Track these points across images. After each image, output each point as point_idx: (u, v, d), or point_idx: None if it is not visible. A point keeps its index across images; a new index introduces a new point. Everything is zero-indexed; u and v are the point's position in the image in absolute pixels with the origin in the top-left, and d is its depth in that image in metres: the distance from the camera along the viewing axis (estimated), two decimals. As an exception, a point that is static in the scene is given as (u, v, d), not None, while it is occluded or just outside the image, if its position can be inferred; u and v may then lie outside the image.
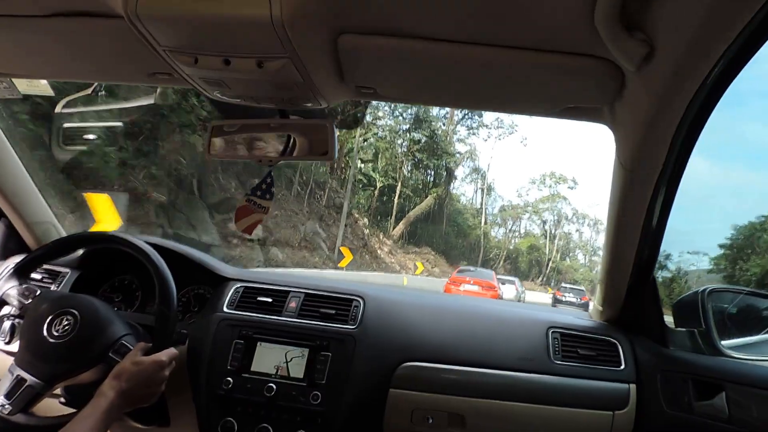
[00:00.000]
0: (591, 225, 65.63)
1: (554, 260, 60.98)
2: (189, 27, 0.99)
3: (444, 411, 1.60)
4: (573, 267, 62.89)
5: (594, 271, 62.02)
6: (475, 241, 51.76)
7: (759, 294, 1.91)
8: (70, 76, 1.57)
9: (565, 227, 63.38)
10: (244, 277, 1.84)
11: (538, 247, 59.62)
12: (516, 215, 61.50)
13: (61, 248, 1.61)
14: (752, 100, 69.41)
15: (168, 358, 1.39)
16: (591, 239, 66.61)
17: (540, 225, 62.11)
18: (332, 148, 1.32)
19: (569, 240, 64.82)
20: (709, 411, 1.38)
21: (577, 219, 64.68)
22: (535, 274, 57.81)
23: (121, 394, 1.25)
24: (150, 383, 1.33)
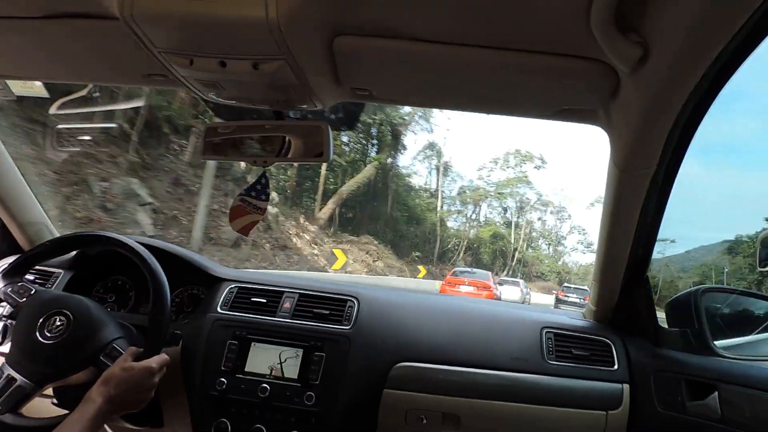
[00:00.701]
0: (554, 212, 62.48)
1: (521, 250, 57.25)
2: (184, 28, 0.99)
3: (438, 411, 1.60)
4: (539, 258, 59.60)
5: (560, 261, 60.44)
6: (430, 228, 46.30)
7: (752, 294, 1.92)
8: (65, 77, 1.56)
9: (528, 215, 60.28)
10: (238, 278, 1.84)
11: (502, 235, 55.05)
12: (477, 198, 56.31)
13: (57, 248, 1.60)
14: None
15: (158, 365, 1.38)
16: (555, 227, 63.46)
17: (501, 212, 58.48)
18: (327, 150, 1.32)
19: (532, 228, 61.27)
20: (702, 411, 1.38)
21: (541, 205, 61.40)
22: (500, 266, 52.94)
23: (110, 400, 1.24)
24: (139, 390, 1.33)
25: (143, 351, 1.40)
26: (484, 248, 52.05)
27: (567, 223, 63.16)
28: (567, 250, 63.17)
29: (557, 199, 62.53)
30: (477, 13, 0.96)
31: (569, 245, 63.50)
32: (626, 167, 1.28)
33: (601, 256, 1.63)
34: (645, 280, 1.66)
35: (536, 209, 60.95)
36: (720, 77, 0.98)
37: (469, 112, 1.43)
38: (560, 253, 62.42)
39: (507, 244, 54.67)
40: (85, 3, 1.04)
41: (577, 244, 63.77)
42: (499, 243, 53.62)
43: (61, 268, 1.84)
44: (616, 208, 1.43)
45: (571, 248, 63.45)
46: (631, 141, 1.19)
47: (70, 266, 1.86)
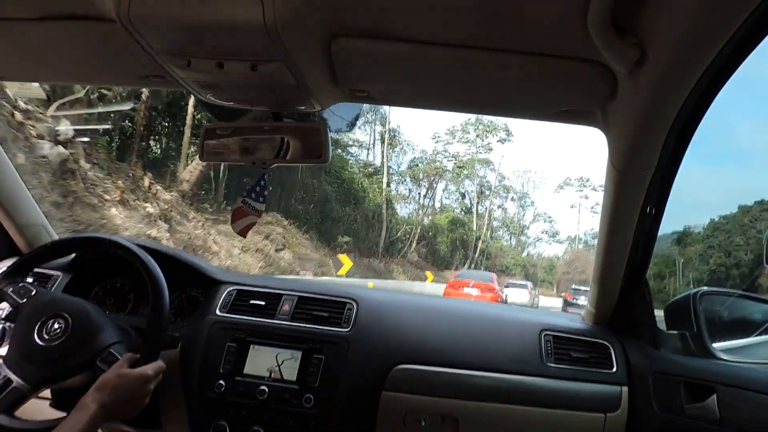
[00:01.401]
0: (517, 199, 57.15)
1: (484, 239, 49.91)
2: (182, 30, 0.99)
3: (437, 413, 1.60)
4: (502, 249, 53.87)
5: (524, 253, 56.25)
6: (374, 211, 37.23)
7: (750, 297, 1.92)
8: (62, 79, 1.56)
9: (489, 201, 53.72)
10: (236, 280, 1.84)
11: (461, 222, 47.71)
12: (432, 172, 47.62)
13: (59, 249, 1.60)
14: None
15: (153, 372, 1.37)
16: (517, 216, 58.14)
17: (459, 198, 51.59)
18: (326, 151, 1.32)
19: (493, 217, 54.69)
20: (701, 413, 1.38)
21: (503, 190, 55.48)
22: (461, 258, 46.15)
23: (103, 407, 1.23)
24: (133, 397, 1.32)
25: (140, 357, 1.39)
26: (441, 237, 44.68)
27: (530, 211, 59.42)
28: (531, 241, 59.53)
29: (520, 184, 57.88)
30: (474, 15, 0.96)
31: (533, 235, 59.63)
32: (624, 169, 1.29)
33: (599, 258, 1.63)
34: (644, 283, 1.66)
35: (497, 195, 55.51)
36: (717, 78, 0.98)
37: (467, 113, 1.43)
38: (524, 244, 58.53)
39: (468, 232, 47.80)
40: (82, 5, 1.04)
41: (541, 234, 59.90)
42: (459, 231, 46.65)
43: (60, 271, 1.84)
44: (614, 210, 1.43)
45: (535, 238, 59.58)
46: (629, 143, 1.19)
47: (68, 269, 1.85)
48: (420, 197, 48.08)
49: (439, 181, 48.98)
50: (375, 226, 36.49)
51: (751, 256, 28.71)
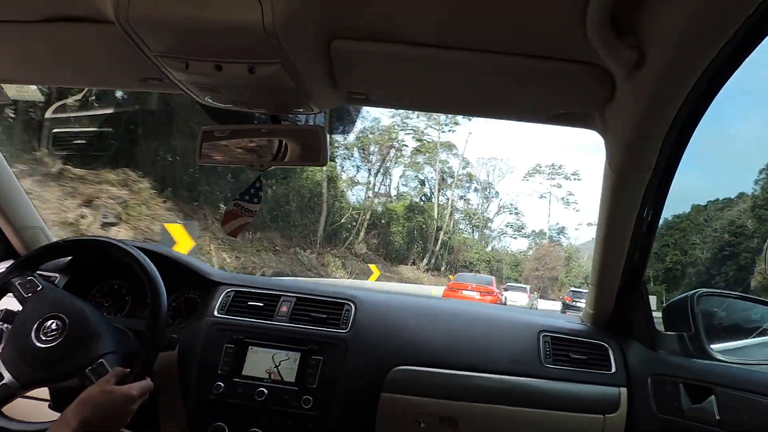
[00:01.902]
0: (480, 189, 50.10)
1: (446, 230, 43.46)
2: (180, 32, 0.99)
3: (436, 415, 1.60)
4: (466, 243, 46.80)
5: (489, 248, 50.35)
6: (312, 189, 30.16)
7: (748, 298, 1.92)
8: (60, 81, 1.56)
9: (451, 190, 47.12)
10: (234, 282, 1.84)
11: (420, 208, 41.00)
12: (387, 144, 40.24)
13: (59, 251, 1.62)
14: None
15: (138, 393, 1.34)
16: (481, 207, 50.91)
17: (418, 186, 44.01)
18: (324, 154, 1.32)
19: (455, 208, 48.31)
20: (699, 414, 1.38)
21: (466, 180, 48.82)
22: (419, 252, 39.57)
23: (84, 423, 1.21)
24: (115, 415, 1.29)
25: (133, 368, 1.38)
26: (395, 226, 37.55)
27: (495, 203, 52.44)
28: (495, 234, 53.08)
29: (484, 172, 51.05)
30: (473, 18, 0.96)
31: (497, 228, 52.89)
32: (622, 171, 1.29)
33: (597, 259, 1.63)
34: (642, 284, 1.66)
35: (460, 185, 48.96)
36: (716, 81, 0.98)
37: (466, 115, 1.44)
38: (488, 238, 52.23)
39: (428, 221, 41.10)
40: (81, 7, 1.04)
41: (506, 228, 53.24)
42: (417, 219, 39.65)
43: (58, 272, 1.83)
44: (612, 212, 1.43)
45: (499, 232, 53.09)
46: (627, 145, 1.19)
47: (66, 270, 1.85)
48: (371, 175, 40.08)
49: (395, 162, 42.32)
50: (314, 209, 29.61)
51: (708, 254, 28.80)
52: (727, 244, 29.55)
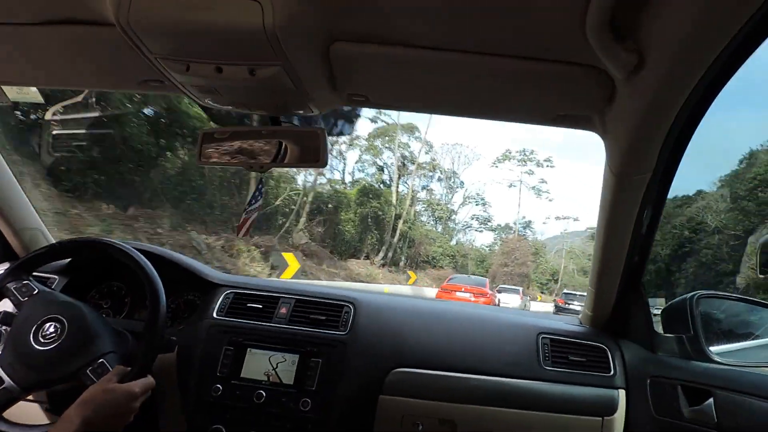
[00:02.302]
0: (444, 178, 46.59)
1: (407, 218, 38.26)
2: (181, 35, 0.99)
3: (434, 417, 1.60)
4: (429, 236, 42.40)
5: (453, 241, 46.84)
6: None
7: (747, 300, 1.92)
8: (61, 83, 1.56)
9: (413, 179, 42.32)
10: (234, 283, 1.84)
11: (376, 192, 35.17)
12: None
13: (58, 252, 1.60)
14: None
15: (141, 390, 1.35)
16: (445, 198, 47.43)
17: (377, 172, 39.24)
18: (324, 156, 1.32)
19: (415, 199, 43.52)
20: (698, 417, 1.38)
21: (429, 169, 44.79)
22: (373, 245, 33.90)
23: (87, 422, 1.22)
24: (118, 413, 1.30)
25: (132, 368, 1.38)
26: (345, 213, 31.54)
27: (460, 193, 49.00)
28: (460, 227, 49.77)
29: (449, 160, 47.27)
30: (473, 20, 0.96)
31: (462, 220, 49.59)
32: (622, 173, 1.29)
33: (597, 261, 1.63)
34: (641, 286, 1.66)
35: (423, 173, 44.75)
36: (715, 84, 0.98)
37: (466, 117, 1.43)
38: (452, 231, 48.53)
39: (385, 207, 34.91)
40: (82, 10, 1.04)
41: (471, 220, 49.90)
42: (372, 204, 33.30)
43: (57, 274, 1.83)
44: (612, 214, 1.43)
45: (464, 224, 49.77)
46: (626, 147, 1.20)
47: (65, 271, 1.85)
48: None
49: (349, 146, 37.85)
50: (242, 187, 22.34)
51: (668, 251, 28.71)
52: (687, 240, 29.56)
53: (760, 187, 27.41)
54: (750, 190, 27.81)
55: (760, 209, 26.59)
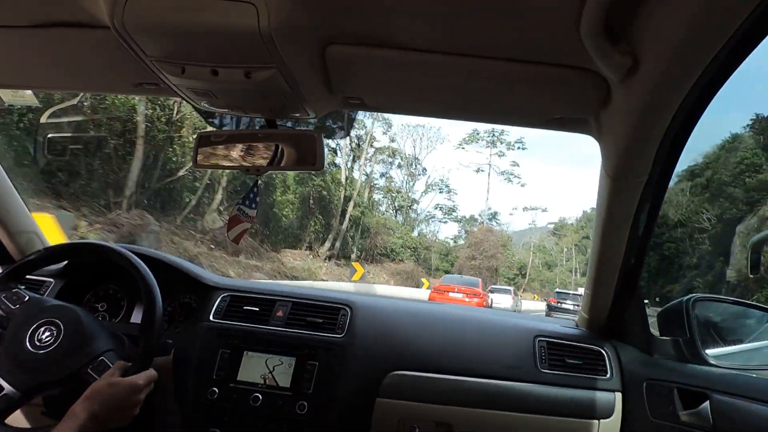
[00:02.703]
0: (405, 165, 43.69)
1: (358, 202, 34.18)
2: (176, 37, 0.99)
3: (431, 420, 1.59)
4: (387, 225, 38.15)
5: (415, 232, 43.49)
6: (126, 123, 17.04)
7: (743, 303, 1.93)
8: (56, 86, 1.56)
9: (364, 164, 38.59)
10: (230, 286, 1.83)
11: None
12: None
13: (52, 256, 1.59)
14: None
15: (145, 382, 1.36)
16: (406, 186, 44.37)
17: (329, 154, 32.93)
18: (320, 158, 1.32)
19: (373, 187, 40.25)
20: (694, 420, 1.38)
21: (389, 154, 41.76)
22: (315, 234, 29.22)
23: (93, 417, 1.22)
24: (123, 406, 1.30)
25: (132, 365, 1.38)
26: (281, 193, 25.94)
27: (422, 181, 46.40)
28: (422, 218, 46.72)
29: (409, 144, 44.90)
30: (468, 23, 0.97)
31: (425, 210, 46.67)
32: (618, 176, 1.29)
33: (593, 264, 1.63)
34: (637, 289, 1.66)
35: (380, 159, 41.29)
36: (710, 86, 0.99)
37: (461, 120, 1.44)
38: (414, 221, 44.81)
39: (331, 187, 30.49)
40: (76, 12, 1.04)
41: (435, 210, 47.09)
42: (316, 182, 28.24)
43: (52, 277, 1.83)
44: (608, 217, 1.43)
45: (427, 215, 46.82)
46: (622, 150, 1.20)
47: (61, 275, 1.85)
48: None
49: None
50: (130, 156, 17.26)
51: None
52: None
53: (748, 172, 27.26)
54: (736, 175, 27.70)
55: (748, 196, 26.31)
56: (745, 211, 26.08)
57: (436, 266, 41.26)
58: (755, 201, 25.79)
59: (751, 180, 26.67)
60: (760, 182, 26.08)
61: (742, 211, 26.18)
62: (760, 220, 23.99)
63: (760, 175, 26.58)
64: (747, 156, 27.97)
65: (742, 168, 27.83)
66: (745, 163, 27.74)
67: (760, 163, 27.38)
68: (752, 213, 25.35)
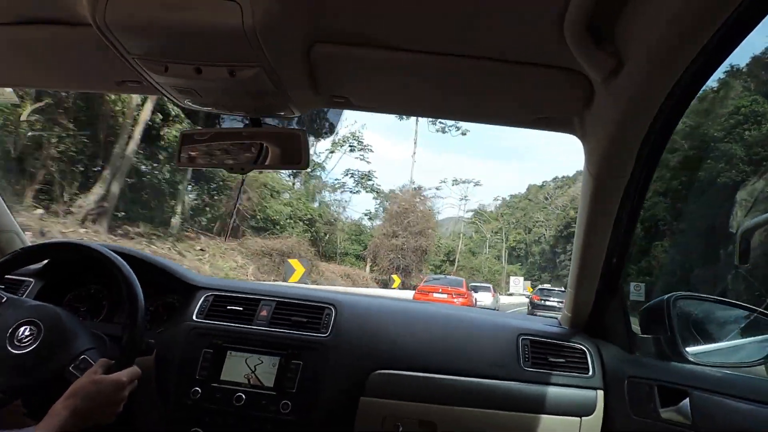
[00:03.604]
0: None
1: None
2: (159, 35, 0.99)
3: (415, 418, 1.60)
4: (269, 186, 26.10)
5: (316, 203, 34.56)
6: None
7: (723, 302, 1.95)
8: (37, 84, 1.54)
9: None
10: (214, 286, 1.82)
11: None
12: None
13: (28, 256, 1.56)
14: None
15: (128, 378, 1.34)
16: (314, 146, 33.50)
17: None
18: (305, 157, 1.32)
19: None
20: (674, 417, 1.40)
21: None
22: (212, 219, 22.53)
23: (75, 414, 1.20)
24: (107, 403, 1.29)
25: (114, 363, 1.36)
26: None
27: (329, 140, 38.51)
28: (329, 185, 39.20)
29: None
30: (453, 23, 0.97)
31: (332, 177, 40.11)
32: (600, 176, 1.31)
33: (576, 263, 1.65)
34: (619, 288, 1.68)
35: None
36: (692, 85, 1.00)
37: (446, 119, 1.45)
38: (314, 189, 36.60)
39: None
40: (58, 9, 1.03)
41: (345, 177, 40.07)
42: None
43: (32, 277, 1.80)
44: (591, 216, 1.45)
45: (335, 182, 39.43)
46: (604, 150, 1.21)
47: (41, 275, 1.82)
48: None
49: None
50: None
51: (552, 232, 28.26)
52: (573, 220, 28.18)
53: (747, 124, 21.76)
54: (731, 128, 22.05)
55: (751, 153, 20.74)
56: (748, 172, 20.08)
57: (344, 249, 33.50)
58: (761, 159, 20.01)
59: (756, 132, 20.83)
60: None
61: (742, 174, 20.17)
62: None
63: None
64: (743, 104, 22.05)
65: (738, 120, 21.81)
66: (742, 113, 21.82)
67: (763, 112, 21.48)
68: (758, 174, 19.57)
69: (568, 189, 29.71)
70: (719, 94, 22.96)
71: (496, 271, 51.04)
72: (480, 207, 56.98)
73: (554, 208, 30.83)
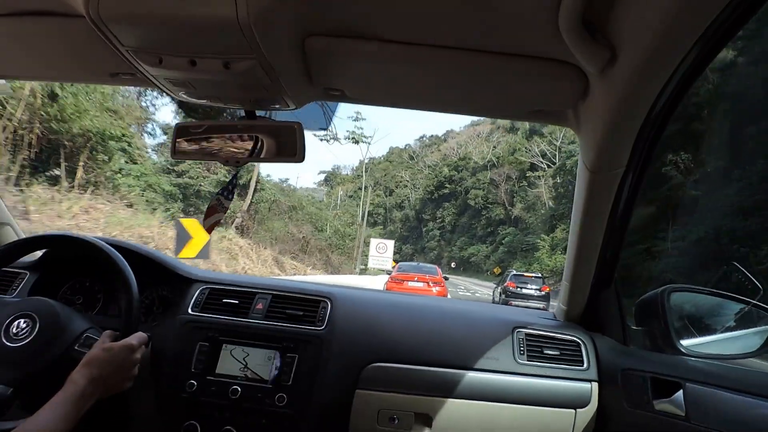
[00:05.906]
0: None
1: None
2: (153, 27, 0.98)
3: (410, 411, 1.60)
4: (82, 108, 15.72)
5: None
6: None
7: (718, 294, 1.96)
8: (30, 76, 1.53)
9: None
10: (209, 279, 1.82)
11: None
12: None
13: (21, 249, 1.55)
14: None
15: (138, 342, 1.38)
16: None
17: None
18: (301, 150, 1.31)
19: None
20: (668, 408, 1.41)
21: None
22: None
23: (93, 381, 1.21)
24: (122, 368, 1.31)
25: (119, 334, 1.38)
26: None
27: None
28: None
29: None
30: (447, 16, 0.97)
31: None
32: (596, 168, 1.31)
33: (571, 256, 1.65)
34: (614, 280, 1.68)
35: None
36: (687, 78, 1.00)
37: (441, 112, 1.44)
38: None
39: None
40: (51, 1, 1.02)
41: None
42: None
43: (27, 270, 1.80)
44: (586, 209, 1.45)
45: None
46: (600, 142, 1.21)
47: (35, 267, 1.82)
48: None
49: None
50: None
51: (420, 194, 26.42)
52: (446, 179, 25.82)
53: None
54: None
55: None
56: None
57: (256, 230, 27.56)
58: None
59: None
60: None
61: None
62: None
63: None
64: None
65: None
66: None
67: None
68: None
69: (437, 148, 28.11)
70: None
71: (347, 235, 41.84)
72: (335, 168, 55.16)
73: (423, 167, 28.52)
